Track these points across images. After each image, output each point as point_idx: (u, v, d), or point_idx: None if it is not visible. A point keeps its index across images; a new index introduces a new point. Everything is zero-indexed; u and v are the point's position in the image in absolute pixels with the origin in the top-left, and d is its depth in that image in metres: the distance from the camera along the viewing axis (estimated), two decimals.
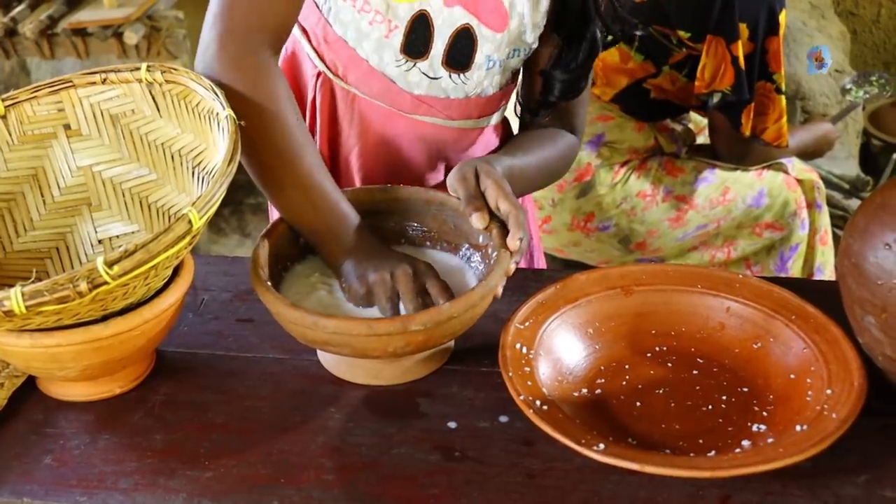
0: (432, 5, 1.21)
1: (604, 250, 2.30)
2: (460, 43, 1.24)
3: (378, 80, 1.26)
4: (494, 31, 1.24)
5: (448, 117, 1.30)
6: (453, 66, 1.26)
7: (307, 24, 1.28)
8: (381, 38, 1.22)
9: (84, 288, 0.88)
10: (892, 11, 3.83)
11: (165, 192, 1.16)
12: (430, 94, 1.28)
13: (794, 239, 2.22)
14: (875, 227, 0.97)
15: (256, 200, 3.58)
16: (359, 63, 1.25)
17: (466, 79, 1.27)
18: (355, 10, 1.21)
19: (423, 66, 1.25)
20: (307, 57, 1.30)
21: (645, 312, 1.13)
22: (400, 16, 1.21)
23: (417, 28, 1.22)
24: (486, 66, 1.27)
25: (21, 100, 1.12)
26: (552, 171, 1.37)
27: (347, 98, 1.29)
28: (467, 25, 1.23)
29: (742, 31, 1.96)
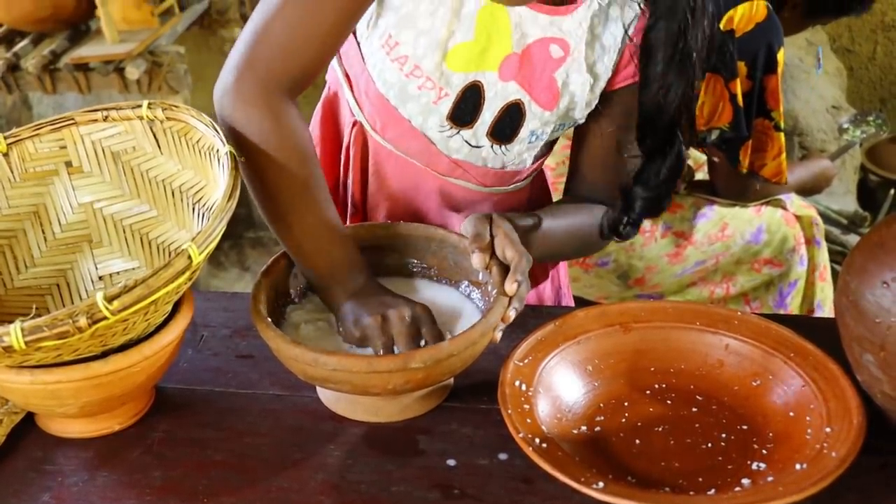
0: (487, 77, 1.20)
1: (602, 286, 2.30)
2: (509, 117, 1.23)
3: (417, 141, 1.25)
4: (544, 109, 1.24)
5: (481, 184, 1.30)
6: (497, 137, 1.25)
7: (351, 72, 1.27)
8: (430, 103, 1.21)
9: (84, 323, 0.88)
10: (887, 49, 3.86)
11: (166, 228, 1.16)
12: (469, 160, 1.27)
13: (792, 275, 2.22)
14: (872, 265, 0.98)
15: (256, 234, 3.58)
16: (399, 122, 1.24)
17: (507, 150, 1.27)
18: (402, 73, 1.19)
19: (466, 134, 1.24)
20: (346, 103, 1.30)
21: (644, 349, 1.13)
22: (453, 84, 1.20)
23: (468, 98, 1.21)
24: (528, 139, 1.26)
25: (23, 137, 1.13)
26: (585, 242, 1.34)
27: (381, 153, 1.29)
28: (518, 101, 1.22)
29: (740, 68, 1.97)
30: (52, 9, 2.98)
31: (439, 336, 1.08)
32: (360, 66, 1.24)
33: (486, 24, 1.17)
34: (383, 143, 1.28)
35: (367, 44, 1.22)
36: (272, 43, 1.10)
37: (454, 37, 1.17)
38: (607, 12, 1.21)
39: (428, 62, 1.18)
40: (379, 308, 1.10)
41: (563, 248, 1.34)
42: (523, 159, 1.30)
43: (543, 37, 1.20)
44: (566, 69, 1.22)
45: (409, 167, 1.29)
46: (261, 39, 1.10)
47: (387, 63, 1.20)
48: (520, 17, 1.18)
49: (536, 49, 1.20)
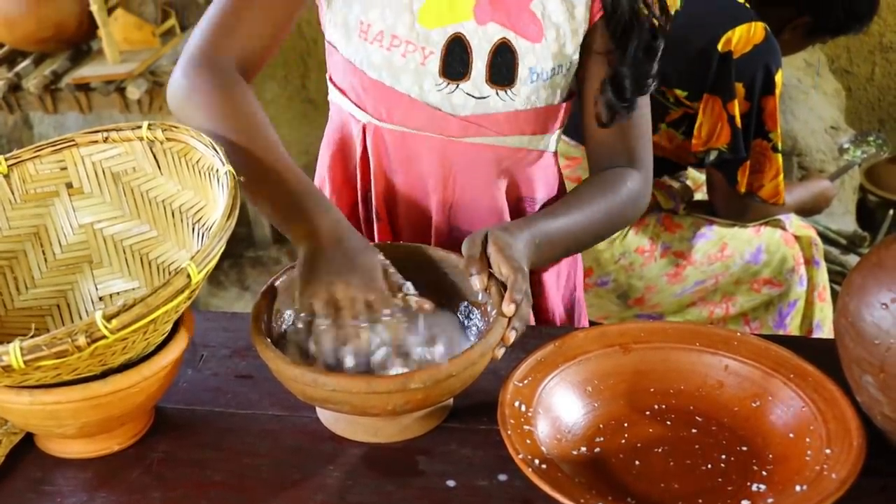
0: (465, 27, 1.24)
1: (602, 305, 2.30)
2: (501, 58, 1.26)
3: (422, 111, 1.27)
4: (532, 42, 1.26)
5: (499, 133, 1.30)
6: (498, 82, 1.27)
7: (344, 84, 1.31)
8: (418, 66, 1.24)
9: (83, 342, 0.88)
10: (885, 70, 3.87)
11: (166, 248, 1.16)
12: (477, 113, 1.28)
13: (792, 295, 2.23)
14: (871, 286, 0.98)
15: (256, 254, 3.58)
16: (399, 99, 1.27)
17: (514, 94, 1.28)
18: (384, 48, 1.23)
19: (466, 86, 1.26)
20: (350, 117, 1.32)
21: (643, 370, 1.13)
22: (433, 41, 1.23)
23: (454, 50, 1.24)
24: (530, 79, 1.27)
25: (24, 159, 1.13)
26: (618, 217, 1.34)
27: (396, 139, 1.30)
28: (505, 40, 1.25)
29: (738, 90, 1.98)
30: (54, 29, 2.99)
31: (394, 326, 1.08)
32: (350, 70, 1.28)
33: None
34: (394, 127, 1.29)
35: (349, 47, 1.27)
36: (215, 31, 1.20)
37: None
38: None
39: (401, 27, 1.22)
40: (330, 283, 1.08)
41: (586, 239, 1.33)
42: (532, 101, 1.30)
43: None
44: (540, 0, 1.25)
45: (428, 142, 1.30)
46: (205, 30, 1.21)
47: (368, 48, 1.24)
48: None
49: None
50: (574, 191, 1.35)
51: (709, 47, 1.96)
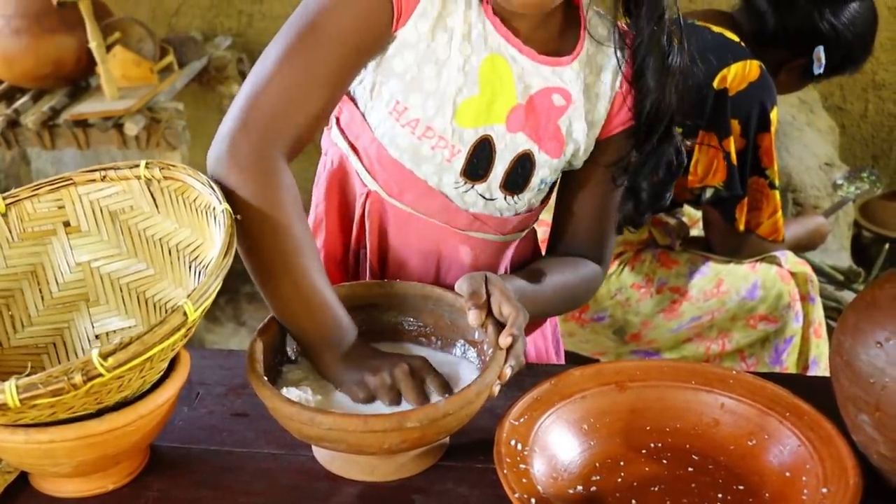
0: (496, 130, 1.23)
1: (598, 341, 2.30)
2: (520, 167, 1.26)
3: (436, 200, 1.27)
4: (551, 157, 1.27)
5: (499, 233, 1.32)
6: (510, 189, 1.28)
7: (359, 143, 1.27)
8: (444, 161, 1.23)
9: (79, 380, 0.88)
10: (878, 107, 3.90)
11: (163, 286, 1.16)
12: (485, 212, 1.29)
13: (788, 331, 2.22)
14: (866, 324, 0.98)
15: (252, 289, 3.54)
16: (416, 183, 1.26)
17: (518, 199, 1.29)
18: (415, 136, 1.21)
19: (480, 188, 1.27)
20: (356, 175, 1.30)
21: (639, 408, 1.13)
22: (465, 140, 1.22)
23: (480, 152, 1.24)
24: (538, 187, 1.29)
25: (22, 197, 1.14)
26: (572, 297, 1.38)
27: (400, 216, 1.30)
28: (528, 151, 1.26)
29: (734, 127, 1.99)
30: (53, 66, 3.00)
31: (445, 383, 1.10)
32: (367, 136, 1.25)
33: (490, 76, 1.21)
34: (402, 207, 1.29)
35: (374, 113, 1.24)
36: (264, 107, 1.12)
37: (461, 93, 1.20)
38: (597, 61, 1.27)
39: (439, 121, 1.20)
40: (379, 367, 1.10)
41: (551, 307, 1.37)
42: (531, 204, 1.32)
43: (546, 86, 1.24)
44: (569, 117, 1.26)
45: (431, 227, 1.30)
46: (254, 104, 1.12)
47: (397, 129, 1.22)
48: (521, 68, 1.22)
49: (539, 99, 1.24)
50: (543, 263, 1.37)
51: (704, 85, 1.98)
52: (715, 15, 2.15)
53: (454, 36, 1.19)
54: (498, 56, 1.21)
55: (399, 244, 1.33)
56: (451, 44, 1.19)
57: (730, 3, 2.23)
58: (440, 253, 1.33)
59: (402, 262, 1.34)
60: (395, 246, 1.33)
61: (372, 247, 1.34)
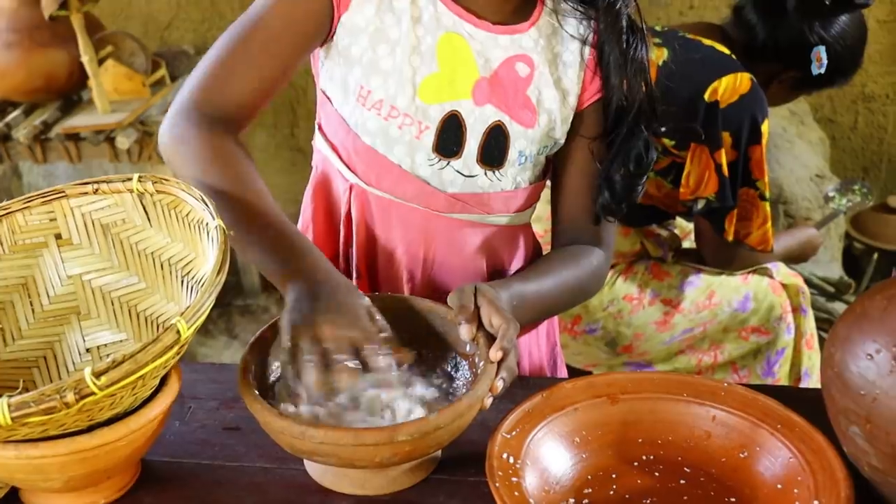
0: (463, 105, 1.25)
1: (591, 353, 2.30)
2: (494, 140, 1.28)
3: (411, 183, 1.28)
4: (525, 127, 1.28)
5: (483, 211, 1.32)
6: (488, 163, 1.29)
7: (336, 139, 1.31)
8: (413, 139, 1.25)
9: (71, 399, 0.88)
10: (868, 119, 3.92)
11: (154, 300, 1.16)
12: (465, 191, 1.30)
13: (780, 343, 2.23)
14: (856, 336, 0.98)
15: (245, 302, 3.58)
16: (390, 168, 1.28)
17: (501, 175, 1.30)
18: (381, 117, 1.24)
19: (457, 164, 1.28)
20: (338, 173, 1.33)
21: (631, 421, 1.13)
22: (431, 116, 1.25)
23: (449, 128, 1.26)
24: (518, 161, 1.30)
25: (14, 210, 1.14)
26: (579, 291, 1.36)
27: (382, 205, 1.31)
28: (499, 122, 1.27)
29: (725, 139, 2.00)
30: (45, 80, 3.01)
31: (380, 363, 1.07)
32: (343, 129, 1.29)
33: (448, 54, 1.24)
34: (382, 194, 1.30)
35: (346, 107, 1.28)
36: (208, 82, 1.22)
37: (419, 71, 1.24)
38: (562, 32, 1.29)
39: (401, 99, 1.24)
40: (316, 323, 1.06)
41: (556, 306, 1.36)
42: (517, 182, 1.32)
43: (507, 57, 1.26)
44: (536, 86, 1.28)
45: (413, 213, 1.31)
46: (198, 80, 1.23)
47: (365, 113, 1.26)
48: (480, 43, 1.25)
49: (503, 70, 1.26)
50: (544, 259, 1.37)
51: (695, 97, 1.99)
52: (706, 28, 2.16)
53: (402, 18, 1.23)
54: (454, 34, 1.24)
55: (385, 236, 1.34)
56: (400, 24, 1.23)
57: (720, 15, 2.25)
58: (426, 242, 1.33)
59: (389, 255, 1.35)
60: (382, 238, 1.34)
61: (359, 242, 1.35)
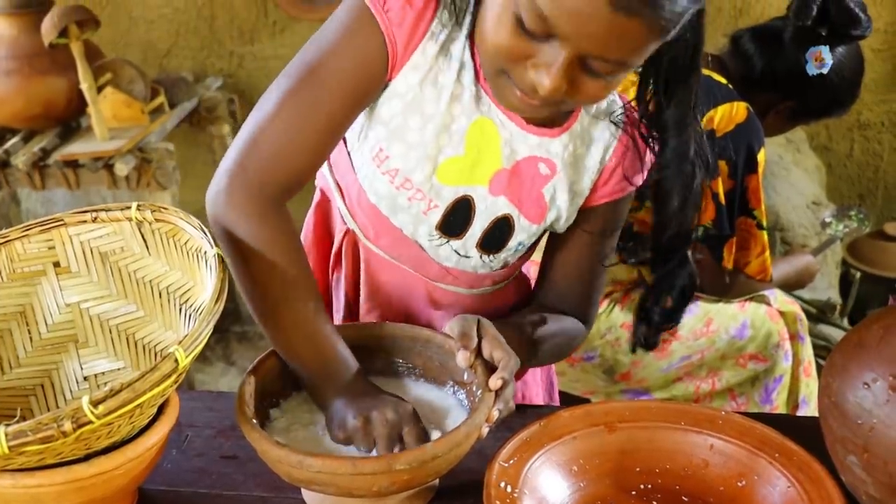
0: (477, 191, 1.23)
1: (588, 380, 2.30)
2: (498, 230, 1.26)
3: (409, 248, 1.27)
4: (532, 223, 1.27)
5: (470, 287, 1.32)
6: (486, 248, 1.27)
7: (343, 182, 1.28)
8: (420, 213, 1.23)
9: (68, 427, 0.88)
10: (864, 146, 3.94)
11: (152, 328, 1.16)
12: (458, 267, 1.29)
13: (778, 370, 2.23)
14: (853, 366, 0.99)
15: (242, 329, 3.57)
16: (391, 230, 1.26)
17: (494, 259, 1.29)
18: (393, 185, 1.21)
19: (455, 244, 1.26)
20: (338, 211, 1.32)
21: (629, 449, 1.13)
22: (443, 196, 1.22)
23: (458, 210, 1.24)
24: (515, 249, 1.29)
25: (12, 238, 1.14)
26: (559, 350, 1.37)
27: (374, 259, 1.30)
28: (508, 215, 1.25)
29: (722, 168, 2.00)
30: (44, 107, 3.01)
31: (420, 438, 1.07)
32: (351, 176, 1.26)
33: (477, 139, 1.20)
34: (376, 250, 1.29)
35: (358, 155, 1.24)
36: (263, 149, 1.12)
37: (444, 151, 1.20)
38: (590, 133, 1.26)
39: (418, 175, 1.20)
40: (364, 409, 1.10)
41: (544, 356, 1.34)
42: (506, 262, 1.32)
43: (532, 155, 1.23)
44: (553, 185, 1.25)
45: (402, 273, 1.30)
46: (253, 145, 1.12)
47: (377, 175, 1.22)
48: (510, 134, 1.21)
49: (525, 166, 1.23)
50: (537, 309, 1.35)
51: None
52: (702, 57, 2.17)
53: (443, 94, 1.18)
54: (487, 119, 1.20)
55: (371, 286, 1.33)
56: (439, 101, 1.18)
57: (717, 45, 2.26)
58: (409, 301, 1.33)
59: (373, 301, 1.34)
60: (368, 286, 1.33)
61: (347, 282, 1.35)
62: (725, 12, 3.76)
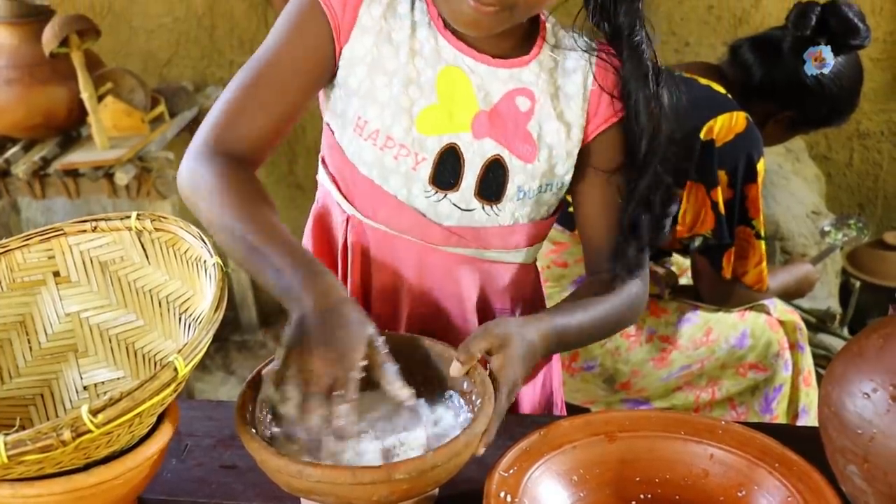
0: (462, 138, 1.25)
1: (589, 390, 2.29)
2: (492, 174, 1.27)
3: (407, 214, 1.28)
4: (525, 162, 1.28)
5: (480, 246, 1.32)
6: (486, 197, 1.28)
7: (335, 170, 1.33)
8: (409, 170, 1.25)
9: (68, 437, 0.88)
10: (863, 155, 3.94)
11: (152, 338, 1.16)
12: (461, 225, 1.30)
13: (777, 380, 2.23)
14: (853, 375, 0.99)
15: (242, 338, 3.57)
16: (387, 199, 1.28)
17: (499, 210, 1.29)
18: (377, 147, 1.25)
19: (454, 197, 1.28)
20: (336, 205, 1.34)
21: (629, 459, 1.13)
22: (428, 148, 1.25)
23: (447, 160, 1.26)
24: (517, 196, 1.29)
25: (12, 248, 1.14)
26: (616, 322, 1.35)
27: (378, 237, 1.32)
28: (498, 157, 1.27)
29: (721, 177, 2.01)
30: (44, 116, 3.02)
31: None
32: (342, 160, 1.30)
33: (447, 87, 1.25)
34: (378, 226, 1.31)
35: (344, 137, 1.29)
36: (221, 115, 1.23)
37: (417, 102, 1.24)
38: (564, 67, 1.30)
39: (397, 129, 1.24)
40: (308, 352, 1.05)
41: (590, 339, 1.34)
42: (516, 218, 1.32)
43: (507, 90, 1.26)
44: (537, 120, 1.28)
45: (409, 246, 1.31)
46: (212, 119, 1.24)
47: (362, 143, 1.26)
48: (480, 77, 1.26)
49: (504, 104, 1.27)
50: (581, 292, 1.36)
51: (691, 135, 2.00)
52: (702, 67, 2.18)
53: (400, 50, 1.24)
54: (454, 67, 1.25)
55: (380, 269, 1.34)
56: (397, 56, 1.24)
57: (717, 55, 2.26)
58: (422, 276, 1.33)
59: (384, 288, 1.35)
60: (377, 271, 1.34)
61: (355, 275, 1.35)
62: (725, 21, 3.77)
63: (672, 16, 3.79)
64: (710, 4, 3.78)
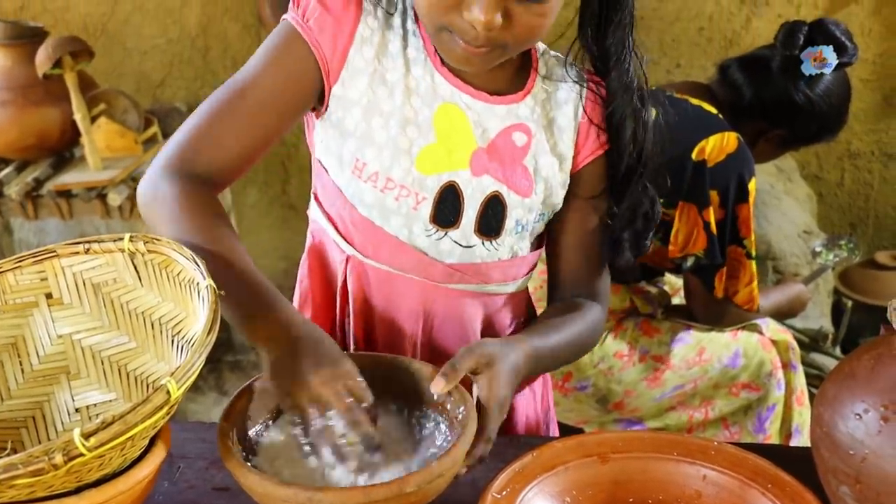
0: (461, 175, 1.26)
1: (582, 410, 2.29)
2: (491, 210, 1.28)
3: (408, 254, 1.28)
4: (522, 197, 1.29)
5: (483, 282, 1.32)
6: (485, 233, 1.29)
7: (332, 210, 1.31)
8: (410, 210, 1.25)
9: (59, 460, 0.87)
10: (854, 175, 3.96)
11: (145, 360, 1.16)
12: (464, 261, 1.30)
13: (770, 399, 2.23)
14: (845, 396, 0.99)
15: (235, 358, 3.57)
16: (388, 239, 1.27)
17: (498, 245, 1.30)
18: (377, 189, 1.24)
19: (454, 234, 1.28)
20: (334, 244, 1.33)
21: (622, 480, 1.13)
22: (428, 187, 1.25)
23: (446, 198, 1.26)
24: (515, 230, 1.30)
25: (5, 269, 1.14)
26: (581, 345, 1.36)
27: (380, 276, 1.31)
28: (497, 193, 1.27)
29: (713, 197, 2.02)
30: (37, 138, 3.02)
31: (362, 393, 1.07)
32: (340, 200, 1.28)
33: (445, 125, 1.25)
34: (379, 266, 1.30)
35: (341, 177, 1.28)
36: (189, 135, 1.22)
37: (416, 143, 1.24)
38: (556, 98, 1.31)
39: (397, 170, 1.24)
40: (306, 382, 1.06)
41: (561, 360, 1.35)
42: (515, 251, 1.33)
43: (504, 126, 1.27)
44: (533, 154, 1.29)
45: (411, 284, 1.31)
46: (182, 134, 1.22)
47: (361, 185, 1.25)
48: (477, 114, 1.26)
49: (501, 140, 1.27)
50: (550, 313, 1.36)
51: (683, 156, 2.01)
52: (693, 87, 2.19)
53: (395, 90, 1.24)
54: (451, 105, 1.25)
55: (382, 308, 1.33)
56: (392, 97, 1.24)
57: (707, 75, 2.28)
58: (425, 313, 1.33)
59: (387, 326, 1.34)
60: (379, 309, 1.34)
61: (355, 313, 1.34)
62: (716, 43, 3.80)
63: (663, 37, 3.81)
64: (700, 26, 3.80)
